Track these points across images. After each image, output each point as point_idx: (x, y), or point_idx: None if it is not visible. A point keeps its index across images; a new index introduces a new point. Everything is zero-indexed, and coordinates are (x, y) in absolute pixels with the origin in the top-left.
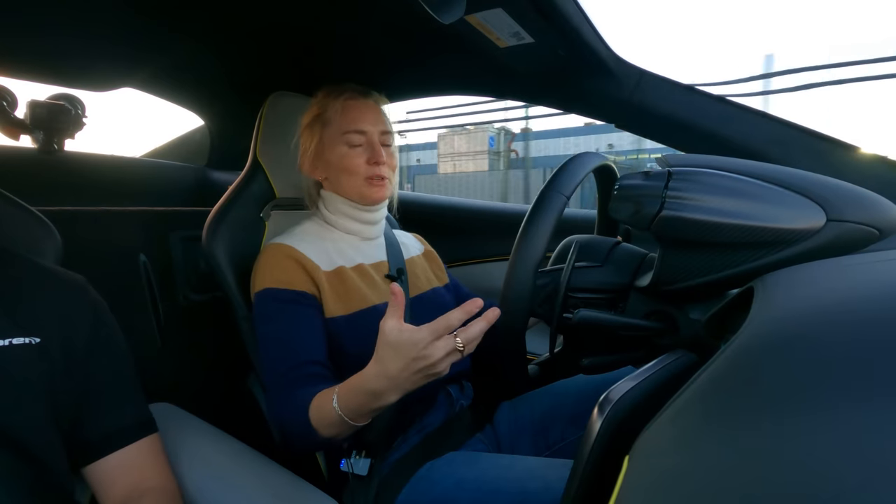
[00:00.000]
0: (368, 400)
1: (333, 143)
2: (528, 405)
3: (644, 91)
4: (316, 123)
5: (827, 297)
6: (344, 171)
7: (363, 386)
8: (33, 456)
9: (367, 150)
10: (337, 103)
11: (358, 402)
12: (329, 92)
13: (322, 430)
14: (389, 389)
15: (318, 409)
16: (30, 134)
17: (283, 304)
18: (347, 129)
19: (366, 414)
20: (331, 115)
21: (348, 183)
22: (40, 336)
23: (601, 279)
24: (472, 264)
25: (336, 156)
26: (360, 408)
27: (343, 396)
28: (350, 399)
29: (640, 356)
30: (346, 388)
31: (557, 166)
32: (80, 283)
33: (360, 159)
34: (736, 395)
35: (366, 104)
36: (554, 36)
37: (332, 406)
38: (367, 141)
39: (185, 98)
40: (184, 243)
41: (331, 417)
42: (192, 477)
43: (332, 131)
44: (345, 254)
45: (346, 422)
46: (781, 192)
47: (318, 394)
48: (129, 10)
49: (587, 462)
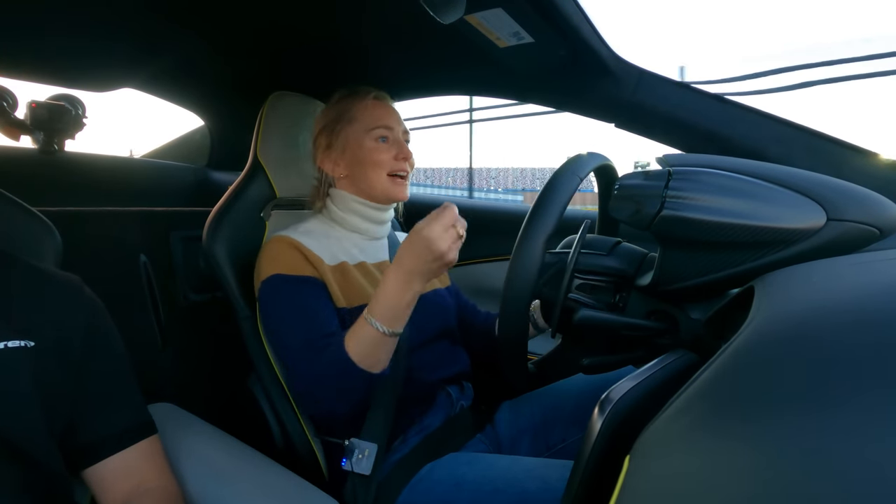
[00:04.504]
0: (397, 296)
1: (360, 138)
2: (528, 405)
3: (644, 91)
4: (339, 122)
5: (827, 297)
6: (371, 164)
7: (387, 287)
8: (30, 458)
9: (393, 147)
10: (365, 102)
11: (388, 304)
12: (352, 93)
13: (363, 359)
14: (414, 278)
15: (353, 340)
16: (30, 134)
17: (294, 286)
18: (376, 124)
19: (400, 316)
20: (357, 113)
21: (374, 176)
22: (35, 339)
23: (607, 264)
24: (472, 264)
25: (364, 150)
26: (393, 309)
27: (373, 309)
28: (381, 306)
29: (640, 356)
30: (372, 303)
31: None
32: (75, 284)
33: (387, 154)
34: (736, 394)
35: (390, 106)
36: (554, 36)
37: (367, 326)
38: (393, 138)
39: (185, 98)
40: (184, 243)
41: (370, 337)
42: (192, 477)
43: (358, 128)
44: (348, 251)
45: (384, 333)
46: (782, 192)
47: (349, 332)
48: (129, 11)
49: (587, 462)
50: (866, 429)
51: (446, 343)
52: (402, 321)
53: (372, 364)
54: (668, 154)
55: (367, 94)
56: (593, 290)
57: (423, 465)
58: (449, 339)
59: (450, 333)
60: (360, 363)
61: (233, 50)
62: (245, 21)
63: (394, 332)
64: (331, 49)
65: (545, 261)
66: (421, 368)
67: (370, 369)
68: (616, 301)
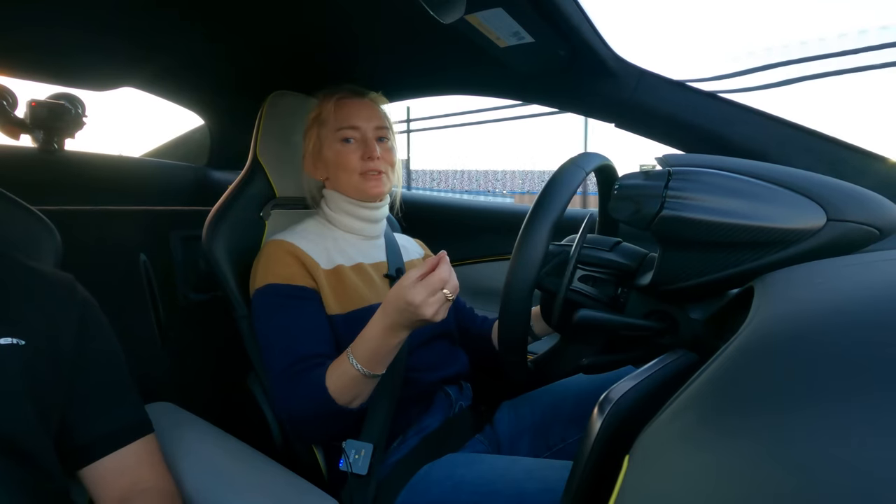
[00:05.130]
0: (379, 342)
1: (329, 141)
2: (527, 405)
3: (644, 91)
4: (314, 124)
5: (827, 297)
6: (340, 167)
7: (371, 331)
8: (25, 456)
9: (360, 146)
10: (330, 103)
11: (370, 347)
12: (326, 93)
13: (340, 395)
14: (399, 330)
15: (334, 374)
16: (30, 133)
17: (285, 300)
18: (340, 125)
19: (381, 360)
20: (325, 114)
21: (345, 179)
22: (26, 337)
23: (610, 257)
24: (472, 264)
25: (332, 153)
26: (374, 353)
27: (356, 348)
28: (363, 347)
29: (640, 356)
30: (357, 341)
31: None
32: (67, 282)
33: (354, 155)
34: (736, 394)
35: (360, 102)
36: (554, 36)
37: (348, 363)
38: (360, 137)
39: (185, 98)
40: (184, 243)
41: (348, 374)
42: (191, 476)
43: (328, 130)
44: (345, 252)
45: (363, 374)
46: (782, 192)
47: (331, 364)
48: (129, 10)
49: (587, 461)
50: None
51: (445, 343)
52: (383, 365)
53: (349, 401)
54: (668, 154)
55: (334, 94)
56: (595, 282)
57: (422, 465)
58: (448, 340)
59: (448, 334)
60: (337, 398)
61: (233, 49)
62: (245, 20)
63: (373, 374)
64: (330, 49)
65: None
66: (420, 369)
67: (347, 405)
68: (618, 294)
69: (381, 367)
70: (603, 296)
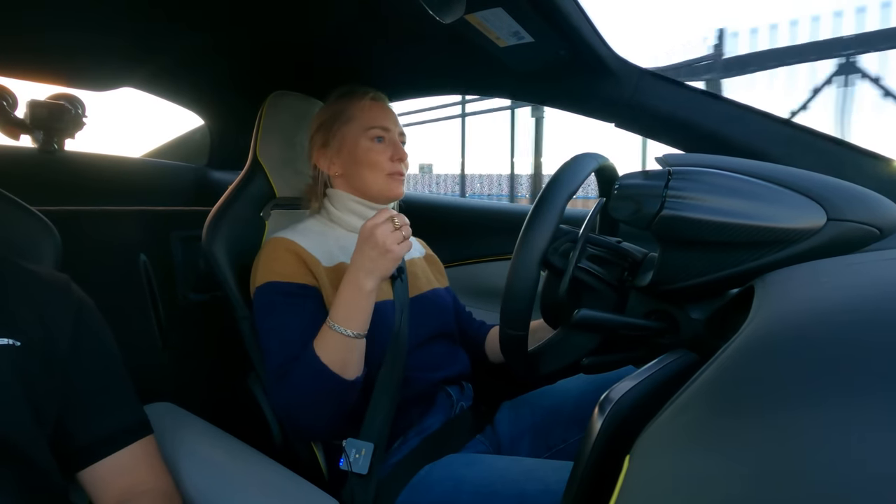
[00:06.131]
0: (351, 297)
1: (357, 138)
2: (528, 406)
3: (644, 90)
4: (336, 120)
5: (827, 297)
6: (367, 164)
7: (341, 290)
8: (21, 457)
9: (389, 147)
10: (362, 102)
11: (342, 303)
12: (350, 92)
13: (331, 362)
14: (361, 277)
15: (320, 344)
16: (30, 134)
17: (285, 298)
18: (373, 124)
19: (355, 316)
20: (354, 112)
21: (371, 177)
22: (20, 338)
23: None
24: (472, 264)
25: (360, 150)
26: (346, 308)
27: (333, 312)
28: (336, 308)
29: (640, 356)
30: (332, 305)
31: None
32: (62, 283)
33: (383, 155)
34: (737, 394)
35: (387, 107)
36: (554, 36)
37: (329, 329)
38: (389, 139)
39: (185, 98)
40: (184, 243)
41: (332, 340)
42: (191, 476)
43: (355, 127)
44: (346, 250)
45: (344, 335)
46: (782, 192)
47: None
48: (129, 10)
49: (587, 462)
50: (868, 427)
51: (446, 343)
52: (360, 322)
53: (340, 368)
54: (668, 154)
55: (365, 95)
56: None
57: (422, 465)
58: (448, 340)
59: (449, 334)
60: (328, 364)
61: (233, 49)
62: (245, 20)
63: (356, 333)
64: (331, 48)
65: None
66: (420, 369)
67: (341, 374)
68: (624, 277)
69: (356, 325)
70: (610, 277)
